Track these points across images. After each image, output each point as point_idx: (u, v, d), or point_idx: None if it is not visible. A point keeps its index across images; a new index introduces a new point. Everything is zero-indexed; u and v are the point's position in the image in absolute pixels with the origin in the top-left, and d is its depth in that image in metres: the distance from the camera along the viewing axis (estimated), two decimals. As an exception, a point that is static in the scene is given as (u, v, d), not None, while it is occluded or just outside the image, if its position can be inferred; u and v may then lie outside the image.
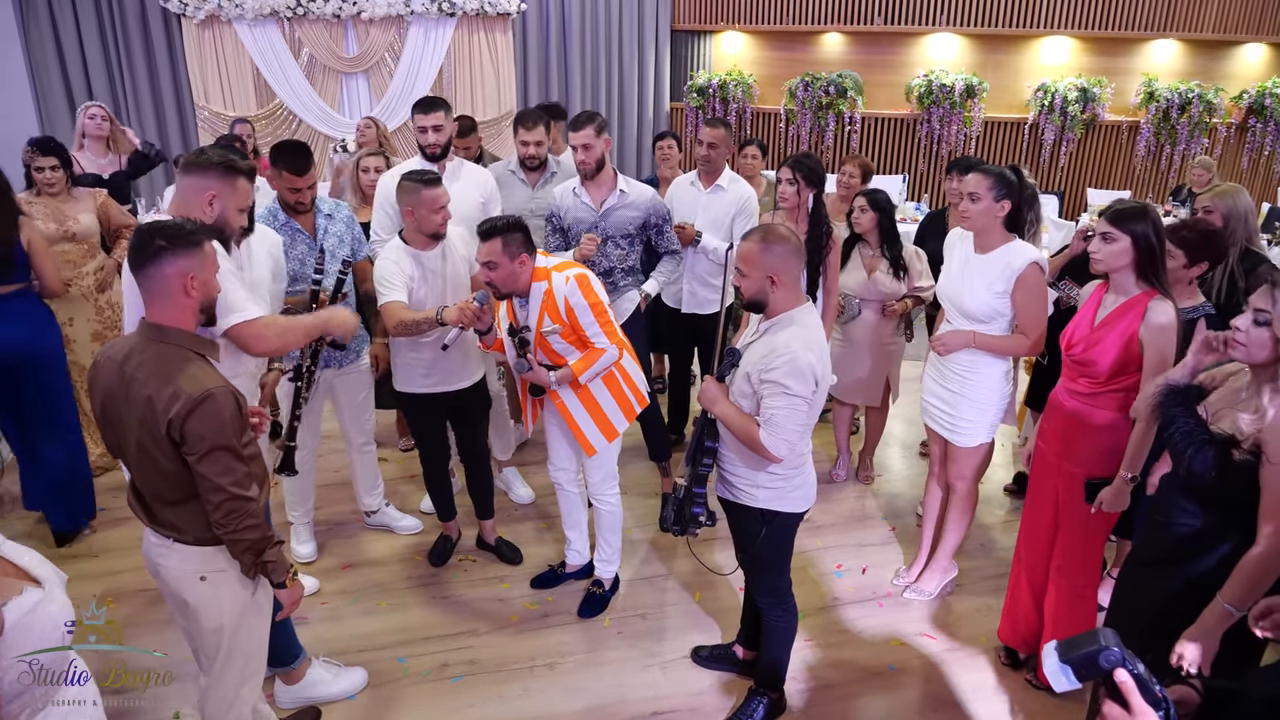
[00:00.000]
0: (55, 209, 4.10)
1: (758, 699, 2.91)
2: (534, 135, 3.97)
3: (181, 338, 2.05)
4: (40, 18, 7.69)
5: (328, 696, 2.99)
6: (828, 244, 3.73)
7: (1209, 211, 3.33)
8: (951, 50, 8.77)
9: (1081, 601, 2.92)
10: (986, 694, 3.09)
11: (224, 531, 2.05)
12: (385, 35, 8.40)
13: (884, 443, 4.74)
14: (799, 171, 3.69)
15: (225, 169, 2.47)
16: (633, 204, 3.75)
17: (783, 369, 2.38)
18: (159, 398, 1.95)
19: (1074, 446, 2.79)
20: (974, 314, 3.10)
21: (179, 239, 2.00)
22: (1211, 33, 8.51)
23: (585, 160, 3.63)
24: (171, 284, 2.00)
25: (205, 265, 2.06)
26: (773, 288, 2.46)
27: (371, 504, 3.99)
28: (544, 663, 3.21)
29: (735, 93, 8.97)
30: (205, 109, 8.21)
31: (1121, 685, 1.19)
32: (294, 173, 3.28)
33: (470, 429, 3.60)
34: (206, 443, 1.97)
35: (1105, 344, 2.64)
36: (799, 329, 2.45)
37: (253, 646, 2.31)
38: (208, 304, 2.11)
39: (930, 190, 9.14)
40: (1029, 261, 2.98)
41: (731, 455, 2.63)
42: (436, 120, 3.69)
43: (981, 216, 3.01)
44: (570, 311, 3.00)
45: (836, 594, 3.62)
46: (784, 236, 2.48)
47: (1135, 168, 8.95)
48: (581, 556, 3.65)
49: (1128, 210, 2.61)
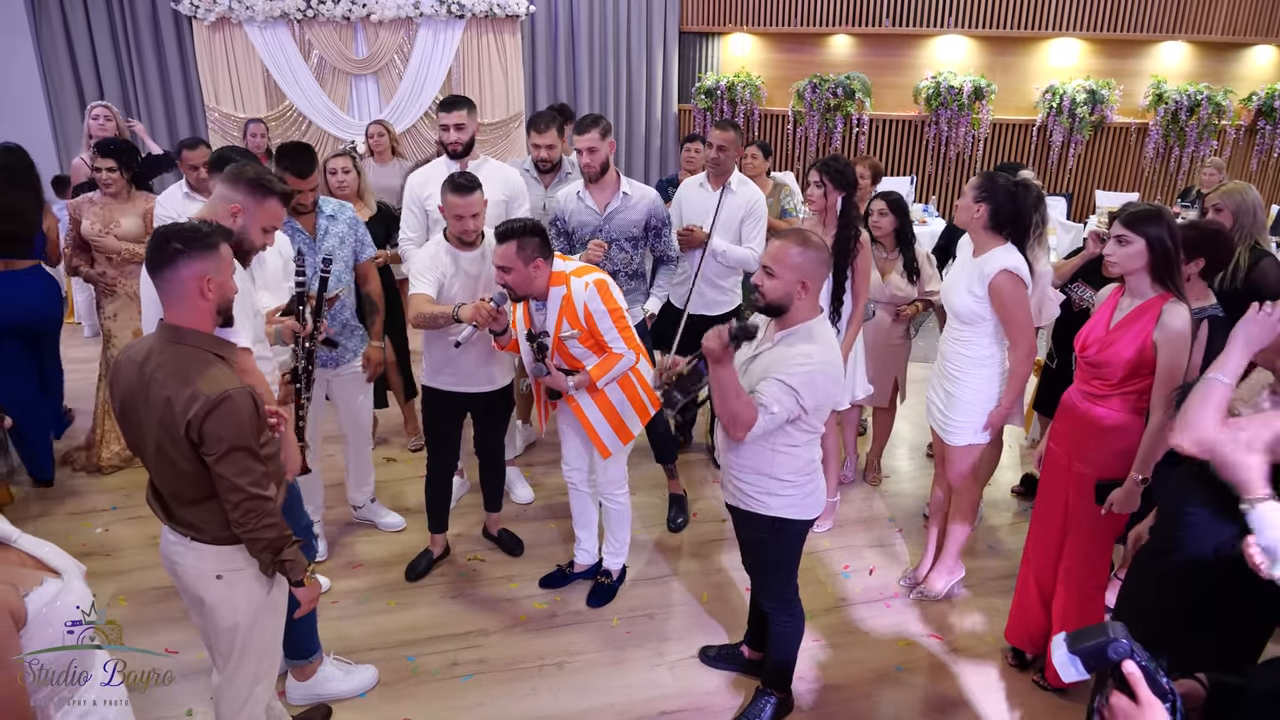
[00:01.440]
0: (106, 213, 4.24)
1: (765, 698, 2.92)
2: (546, 139, 3.99)
3: (199, 339, 2.06)
4: (52, 19, 7.75)
5: (339, 694, 3.00)
6: (855, 247, 3.65)
7: (1218, 209, 3.35)
8: (960, 52, 8.77)
9: (1090, 603, 2.92)
10: (994, 694, 3.09)
11: (242, 530, 2.07)
12: (394, 37, 8.44)
13: (892, 444, 4.74)
14: (827, 175, 3.61)
15: (256, 186, 2.49)
16: (635, 206, 3.77)
17: (799, 375, 2.35)
18: (178, 399, 1.97)
19: (1085, 448, 2.80)
20: (959, 314, 3.17)
21: (194, 242, 2.01)
22: (1220, 35, 8.50)
23: (590, 164, 3.64)
24: (188, 286, 2.02)
25: (221, 267, 2.07)
26: (801, 293, 2.42)
27: (358, 499, 4.01)
28: (552, 662, 3.22)
29: (743, 94, 8.98)
30: (215, 110, 8.26)
31: (1129, 676, 1.20)
32: (297, 175, 3.29)
33: (491, 428, 3.63)
34: (225, 444, 1.99)
35: (1119, 346, 2.64)
36: (820, 346, 2.41)
37: (267, 645, 2.33)
38: (224, 305, 2.12)
39: (939, 192, 9.14)
40: (999, 269, 3.00)
41: (743, 462, 2.59)
42: (459, 118, 3.71)
43: (961, 213, 3.10)
44: (590, 317, 3.01)
45: (844, 594, 3.63)
46: (819, 245, 2.45)
47: (1144, 170, 8.94)
48: (590, 556, 3.67)
49: (1142, 213, 2.61)
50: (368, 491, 4.02)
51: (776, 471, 2.53)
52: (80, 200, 4.31)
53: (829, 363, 2.41)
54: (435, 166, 3.92)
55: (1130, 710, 1.21)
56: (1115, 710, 1.22)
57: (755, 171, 4.94)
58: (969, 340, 3.18)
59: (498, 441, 3.69)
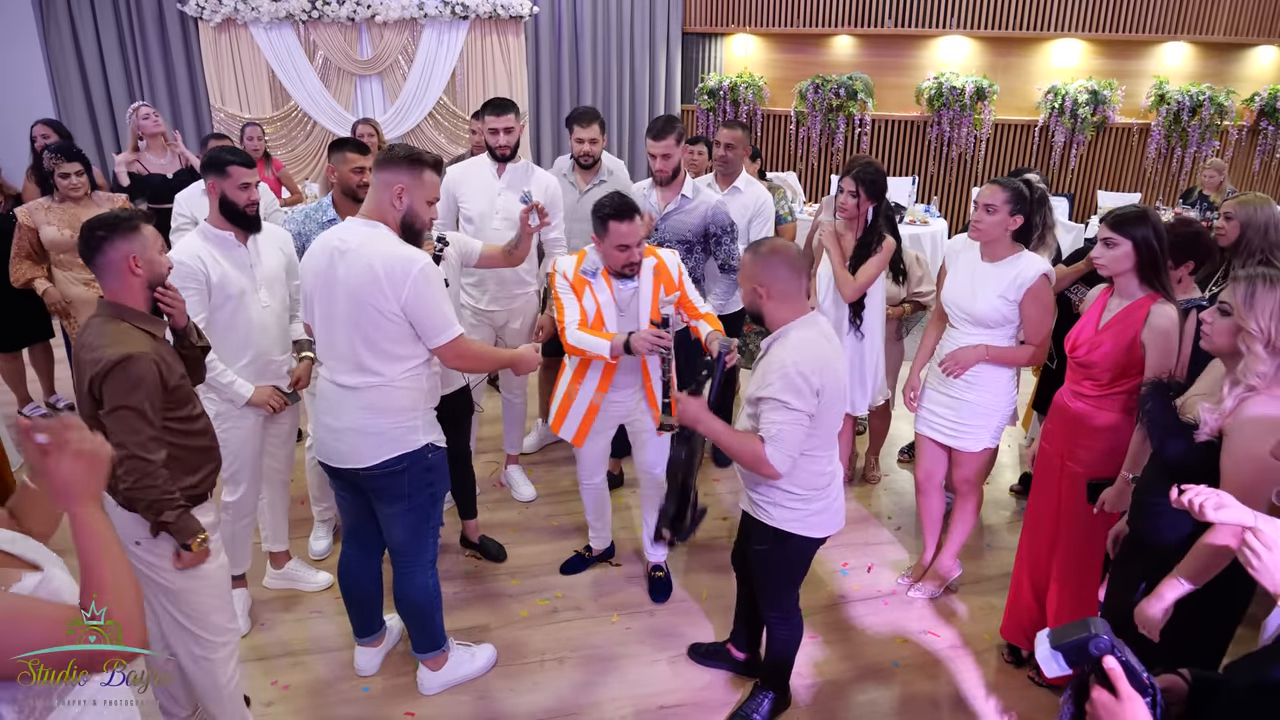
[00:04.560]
0: (72, 216, 4.17)
1: (763, 694, 2.96)
2: (589, 133, 4.02)
3: (129, 314, 2.27)
4: (60, 21, 7.81)
5: (470, 675, 3.13)
6: (875, 249, 3.60)
7: (1228, 218, 3.32)
8: (962, 53, 8.79)
9: (1083, 601, 2.96)
10: (990, 691, 3.12)
11: (125, 488, 2.21)
12: (399, 38, 8.48)
13: (889, 443, 4.77)
14: (862, 184, 3.55)
15: (412, 162, 2.57)
16: (693, 210, 3.76)
17: (777, 384, 2.37)
18: (89, 361, 2.18)
19: (1077, 447, 2.84)
20: (985, 320, 3.14)
21: (115, 226, 2.22)
22: (1223, 35, 8.50)
23: (664, 169, 3.74)
24: (118, 265, 2.23)
25: (146, 246, 2.27)
26: (762, 300, 2.46)
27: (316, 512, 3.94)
28: (553, 657, 3.26)
29: (746, 95, 9.00)
30: (221, 111, 8.31)
31: (1110, 671, 1.24)
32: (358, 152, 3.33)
33: (453, 432, 3.61)
34: (116, 401, 2.16)
35: (1108, 346, 2.69)
36: (792, 344, 2.42)
37: (205, 612, 2.47)
38: (155, 280, 2.31)
39: (940, 193, 9.16)
40: (1040, 273, 3.04)
41: (749, 472, 2.59)
42: (508, 122, 3.75)
43: (994, 228, 3.05)
44: (683, 278, 3.14)
45: (842, 592, 3.67)
46: (775, 249, 2.47)
47: (1146, 170, 8.95)
48: (604, 541, 3.78)
49: (1128, 215, 2.65)
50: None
51: (783, 483, 2.53)
52: (31, 207, 4.18)
53: (801, 360, 2.36)
54: (475, 164, 3.95)
55: (1111, 705, 1.24)
56: (1096, 705, 1.26)
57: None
58: (989, 343, 3.18)
59: (464, 445, 3.64)
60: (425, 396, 2.70)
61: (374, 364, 2.56)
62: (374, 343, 2.54)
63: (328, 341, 2.63)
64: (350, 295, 2.50)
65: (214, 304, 2.91)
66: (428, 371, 2.69)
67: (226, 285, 2.91)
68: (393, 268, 2.46)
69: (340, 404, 2.63)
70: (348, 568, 3.02)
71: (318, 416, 2.75)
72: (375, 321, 2.51)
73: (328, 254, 2.56)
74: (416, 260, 2.49)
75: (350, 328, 2.53)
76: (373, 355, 2.56)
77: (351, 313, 2.52)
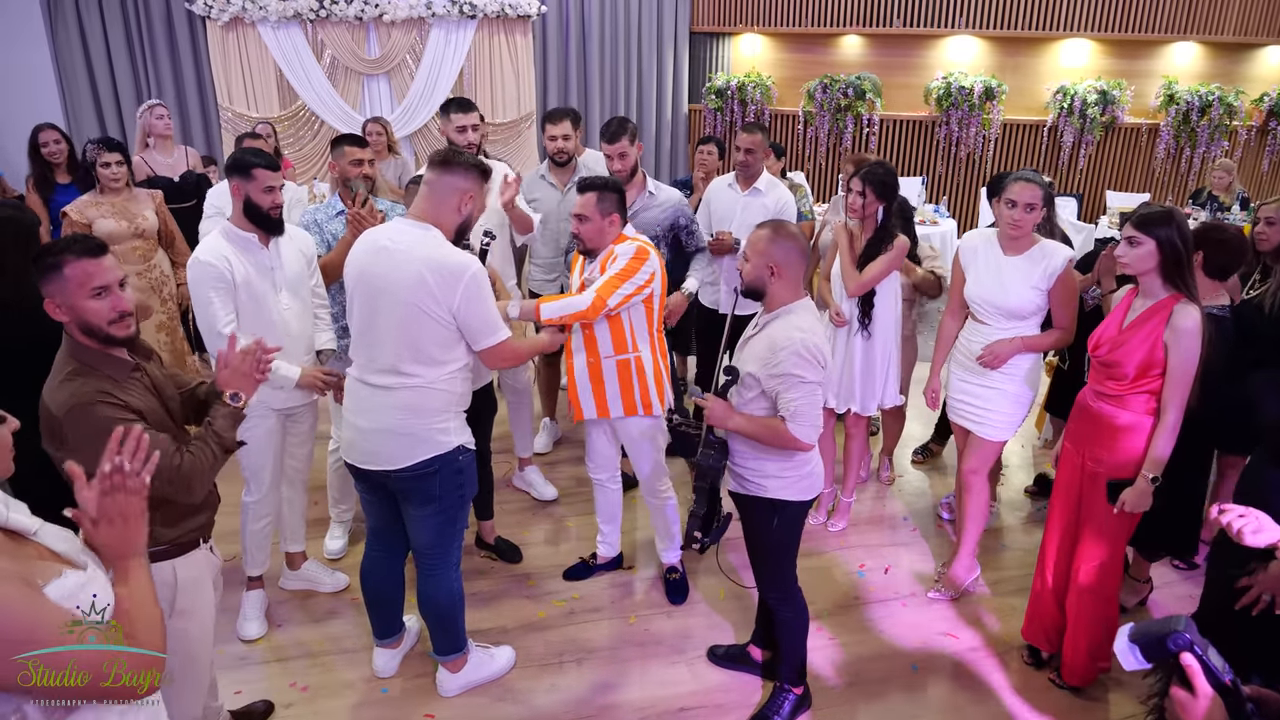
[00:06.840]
0: (122, 207, 4.16)
1: (784, 694, 2.95)
2: (561, 129, 4.04)
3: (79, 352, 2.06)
4: (67, 19, 7.79)
5: (490, 676, 3.12)
6: (886, 249, 3.59)
7: (1270, 223, 3.30)
8: (970, 52, 8.78)
9: (1104, 602, 2.95)
10: (1010, 693, 3.11)
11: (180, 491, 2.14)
12: (406, 37, 8.47)
13: (903, 443, 4.76)
14: (870, 185, 3.56)
15: (481, 172, 2.60)
16: (660, 204, 3.82)
17: (789, 360, 2.47)
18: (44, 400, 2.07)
19: (1098, 447, 2.83)
20: (1019, 312, 3.19)
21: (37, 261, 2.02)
22: (1232, 35, 8.49)
23: (621, 169, 3.74)
24: (50, 305, 2.03)
25: (66, 291, 2.02)
26: (771, 278, 2.57)
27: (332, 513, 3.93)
28: (571, 659, 3.25)
29: (754, 95, 8.99)
30: (229, 110, 8.30)
31: (1187, 668, 1.23)
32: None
33: (475, 431, 3.60)
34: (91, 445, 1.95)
35: (1130, 346, 2.68)
36: (795, 319, 2.54)
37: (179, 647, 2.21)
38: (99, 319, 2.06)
39: (949, 193, 9.15)
40: (1067, 259, 3.13)
41: (739, 448, 2.70)
42: (474, 120, 3.80)
43: (1032, 224, 3.14)
44: (615, 260, 3.12)
45: (859, 594, 3.65)
46: (793, 235, 2.61)
47: (1155, 170, 8.93)
48: (612, 549, 3.72)
49: (1153, 214, 2.64)
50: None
51: (773, 454, 2.63)
52: (81, 203, 4.09)
53: (807, 335, 2.50)
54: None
55: (1186, 702, 1.24)
56: (1173, 701, 1.26)
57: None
58: (1021, 333, 3.22)
59: (484, 445, 3.62)
60: (458, 399, 2.70)
61: (413, 367, 2.56)
62: (419, 348, 2.54)
63: (365, 340, 2.61)
64: (396, 299, 2.50)
65: (237, 305, 2.90)
66: (464, 375, 2.69)
67: (249, 286, 2.91)
68: (443, 273, 2.48)
69: (372, 404, 2.62)
70: (371, 569, 3.00)
71: (346, 417, 2.74)
72: (422, 325, 2.51)
73: (373, 253, 2.56)
74: (468, 266, 2.51)
75: (395, 330, 2.53)
76: (414, 358, 2.56)
77: (397, 316, 2.51)
